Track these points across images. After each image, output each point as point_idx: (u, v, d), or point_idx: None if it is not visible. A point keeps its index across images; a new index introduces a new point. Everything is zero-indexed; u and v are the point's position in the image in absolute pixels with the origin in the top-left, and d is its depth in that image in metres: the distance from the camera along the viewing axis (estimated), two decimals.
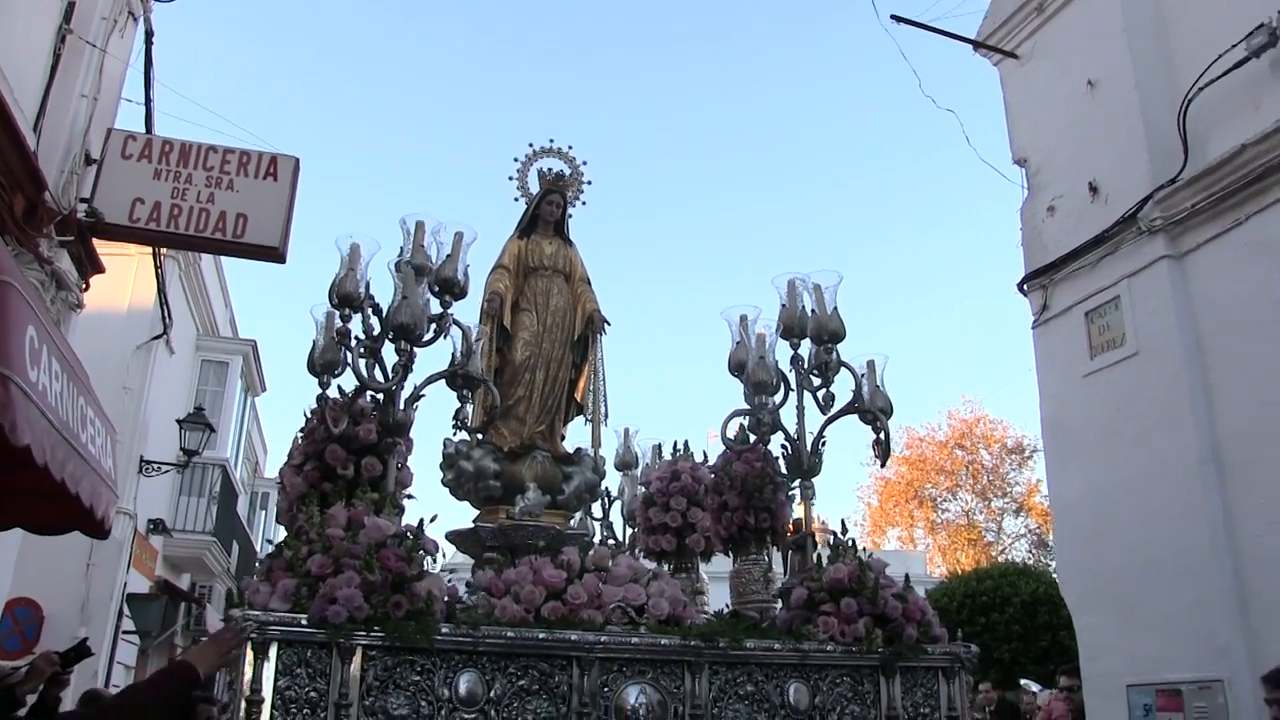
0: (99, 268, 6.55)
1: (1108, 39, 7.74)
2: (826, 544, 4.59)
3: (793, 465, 4.73)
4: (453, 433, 4.99)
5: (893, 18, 8.34)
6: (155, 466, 10.90)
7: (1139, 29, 7.58)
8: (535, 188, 5.97)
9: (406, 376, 4.18)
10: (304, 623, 3.29)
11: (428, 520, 3.82)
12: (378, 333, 4.19)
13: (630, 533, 6.17)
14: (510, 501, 5.10)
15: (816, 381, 4.74)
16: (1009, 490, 28.52)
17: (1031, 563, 22.28)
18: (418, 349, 4.20)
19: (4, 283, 2.70)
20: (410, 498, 4.35)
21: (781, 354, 4.76)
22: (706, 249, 61.95)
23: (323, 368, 4.18)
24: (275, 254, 6.40)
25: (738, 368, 4.72)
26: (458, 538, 5.23)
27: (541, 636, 3.65)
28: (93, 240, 6.28)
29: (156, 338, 10.75)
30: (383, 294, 4.22)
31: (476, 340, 4.56)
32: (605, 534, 6.30)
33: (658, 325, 62.06)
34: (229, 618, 3.25)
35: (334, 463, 4.12)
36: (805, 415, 4.72)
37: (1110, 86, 7.68)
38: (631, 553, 5.62)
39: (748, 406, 4.68)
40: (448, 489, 5.35)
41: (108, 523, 3.91)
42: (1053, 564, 18.82)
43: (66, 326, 5.96)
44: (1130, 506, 6.94)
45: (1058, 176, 8.13)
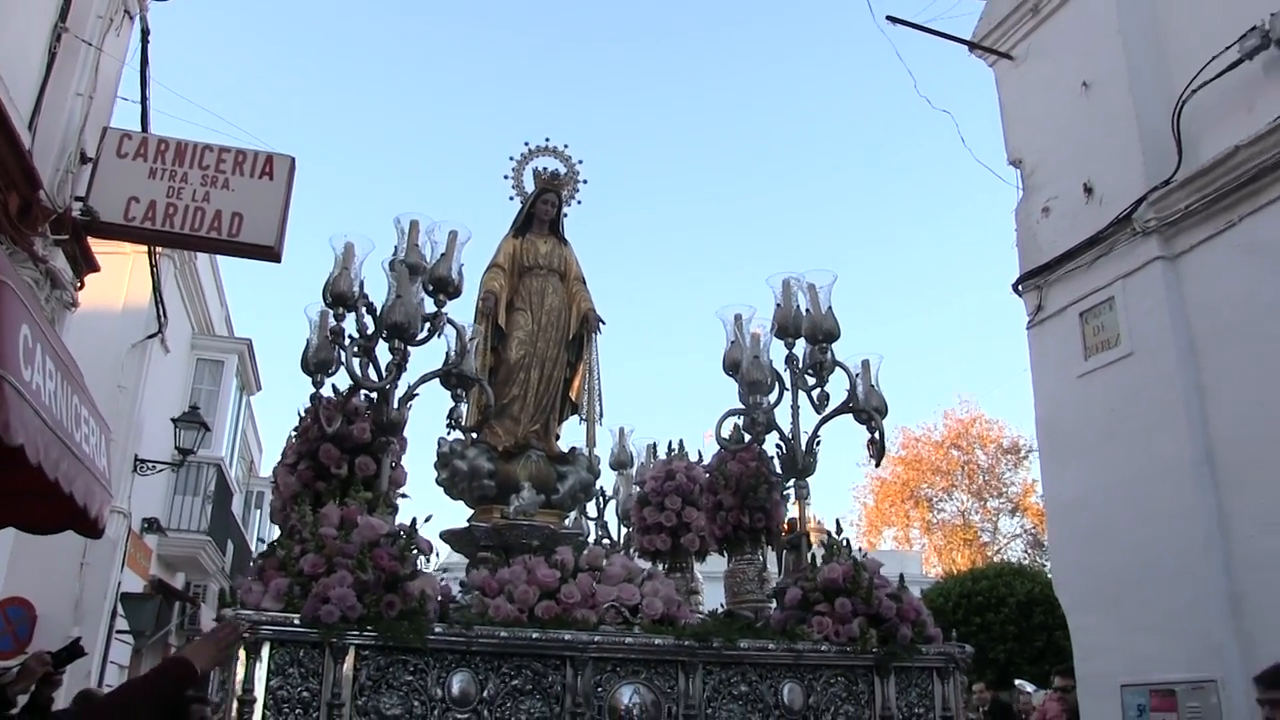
0: (94, 266, 6.54)
1: (1102, 41, 7.76)
2: (821, 544, 4.59)
3: (787, 465, 4.72)
4: (447, 432, 4.97)
5: (888, 18, 8.35)
6: (150, 465, 10.88)
7: (1133, 31, 7.61)
8: (530, 186, 5.96)
9: (400, 375, 4.17)
10: (296, 622, 3.28)
11: (422, 520, 3.81)
12: (372, 332, 4.18)
13: (625, 532, 6.15)
14: (505, 501, 5.09)
15: (811, 381, 4.73)
16: (1004, 490, 28.59)
17: (1027, 563, 22.31)
18: (412, 348, 4.19)
19: None
20: (404, 497, 4.35)
21: (776, 353, 4.76)
22: (702, 243, 62.08)
23: (317, 367, 4.17)
24: (270, 253, 6.40)
25: (732, 367, 4.71)
26: (452, 537, 5.22)
27: (535, 636, 3.64)
28: (88, 239, 6.28)
29: (151, 336, 10.73)
30: (377, 293, 4.21)
31: (471, 339, 4.54)
32: (600, 533, 6.29)
33: (653, 318, 62.07)
34: (221, 617, 3.25)
35: (328, 462, 4.12)
36: (800, 415, 4.72)
37: (1105, 88, 7.70)
38: (626, 552, 5.60)
39: (742, 406, 4.68)
40: (442, 488, 5.33)
41: (101, 522, 3.92)
42: (1048, 564, 18.84)
43: (61, 325, 5.95)
44: (1125, 507, 6.96)
45: (1052, 177, 8.15)
